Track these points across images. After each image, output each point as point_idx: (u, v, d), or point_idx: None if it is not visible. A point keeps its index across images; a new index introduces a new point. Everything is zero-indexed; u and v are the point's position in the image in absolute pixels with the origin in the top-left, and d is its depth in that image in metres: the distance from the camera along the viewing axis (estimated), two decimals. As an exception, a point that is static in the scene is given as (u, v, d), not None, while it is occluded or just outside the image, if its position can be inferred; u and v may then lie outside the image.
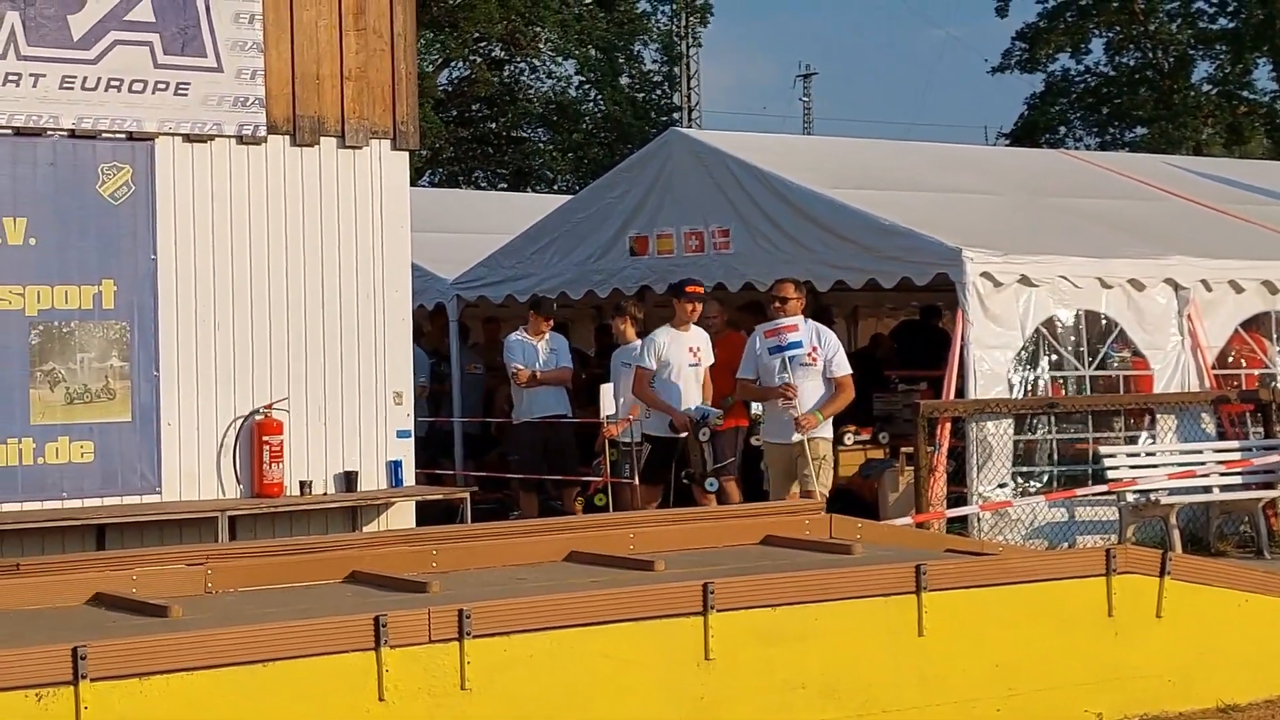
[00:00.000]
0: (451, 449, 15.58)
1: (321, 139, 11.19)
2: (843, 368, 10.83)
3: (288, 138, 11.08)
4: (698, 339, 11.91)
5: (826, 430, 10.86)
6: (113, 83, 10.43)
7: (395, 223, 11.49)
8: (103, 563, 6.44)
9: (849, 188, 13.71)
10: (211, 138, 10.80)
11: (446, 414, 15.84)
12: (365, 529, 11.09)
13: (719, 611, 5.64)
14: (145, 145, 10.58)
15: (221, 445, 10.80)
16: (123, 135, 10.52)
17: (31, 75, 10.20)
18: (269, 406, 10.89)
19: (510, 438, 14.75)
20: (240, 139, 10.90)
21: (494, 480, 14.52)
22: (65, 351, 10.37)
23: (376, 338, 11.35)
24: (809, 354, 10.77)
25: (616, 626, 5.51)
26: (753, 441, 12.04)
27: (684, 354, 11.74)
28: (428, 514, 11.76)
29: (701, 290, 11.95)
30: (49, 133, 10.33)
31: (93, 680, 4.62)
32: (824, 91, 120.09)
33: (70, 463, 10.31)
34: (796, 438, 10.66)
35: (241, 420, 10.88)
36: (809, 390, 10.75)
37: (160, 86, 10.57)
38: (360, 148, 11.32)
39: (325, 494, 11.08)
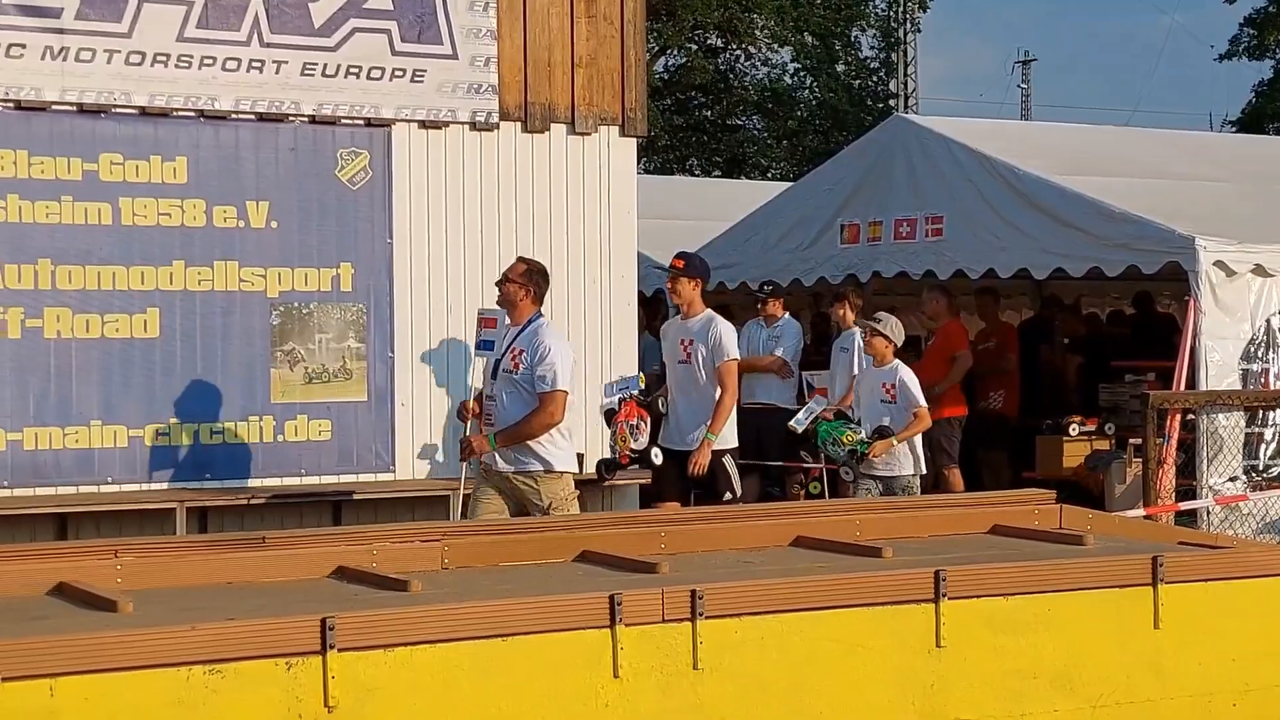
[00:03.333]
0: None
1: (552, 125, 11.36)
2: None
3: (519, 124, 11.27)
4: (697, 330, 10.10)
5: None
6: (352, 70, 10.70)
7: (622, 209, 11.62)
8: (344, 538, 6.61)
9: (1074, 174, 13.51)
10: (446, 124, 11.03)
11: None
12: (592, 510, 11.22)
13: (950, 599, 5.62)
14: (382, 131, 10.85)
15: (452, 426, 11.02)
16: (361, 121, 10.80)
17: (274, 63, 10.52)
18: (497, 389, 11.05)
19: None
20: (473, 125, 11.11)
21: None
22: (304, 332, 10.69)
23: (603, 323, 11.49)
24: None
25: (846, 611, 5.53)
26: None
27: (675, 348, 10.24)
28: (648, 498, 11.86)
29: (681, 265, 10.10)
30: (290, 119, 10.63)
31: (340, 650, 4.76)
32: (1042, 79, 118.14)
33: (308, 441, 10.63)
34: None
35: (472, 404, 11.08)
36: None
37: (397, 73, 10.82)
38: (589, 134, 11.47)
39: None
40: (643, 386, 10.04)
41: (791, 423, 11.19)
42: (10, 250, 9.95)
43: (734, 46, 37.02)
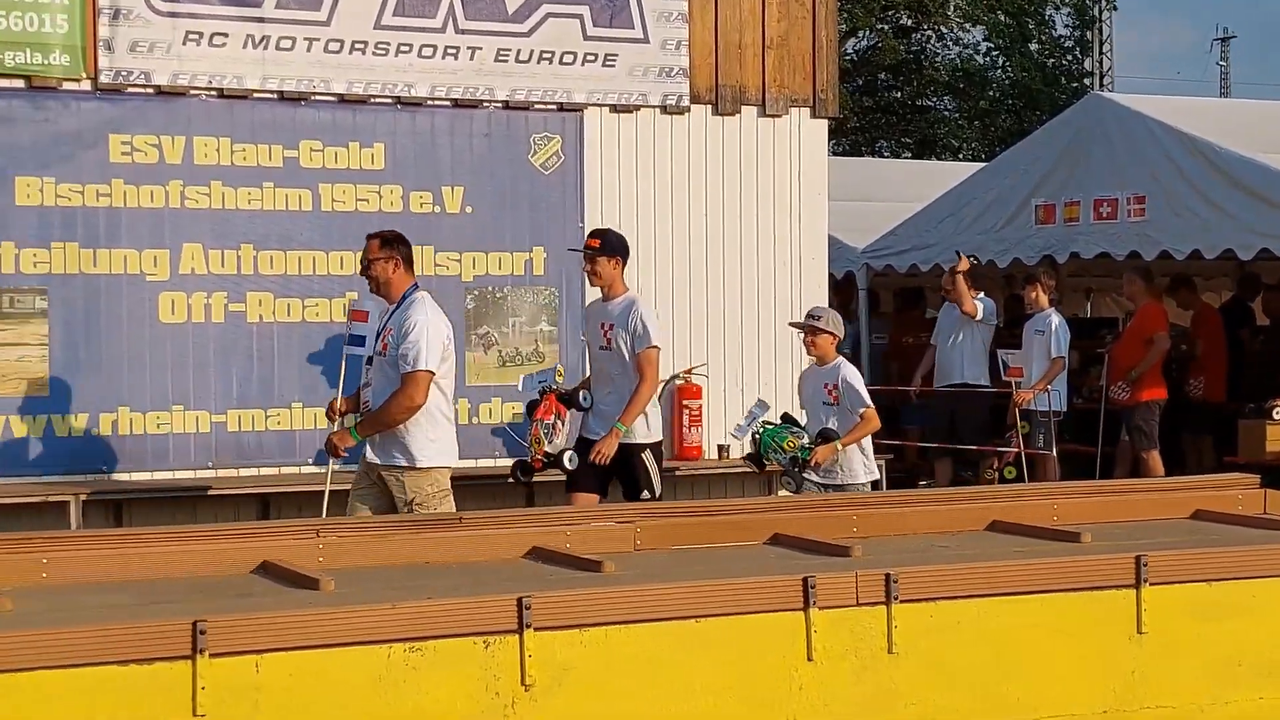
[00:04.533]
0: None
1: (742, 108, 11.35)
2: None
3: (709, 107, 11.28)
4: (618, 314, 9.19)
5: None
6: (544, 55, 10.79)
7: (813, 191, 11.57)
8: (538, 519, 6.69)
9: (1276, 152, 13.16)
10: (637, 108, 11.07)
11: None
12: (780, 494, 11.19)
13: (1152, 585, 5.53)
14: (574, 116, 10.92)
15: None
16: (553, 106, 10.88)
17: (469, 49, 10.64)
18: (688, 371, 11.11)
19: (917, 407, 14.72)
20: (664, 109, 11.15)
21: (896, 449, 14.48)
22: (498, 316, 10.81)
23: (793, 304, 11.45)
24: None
25: (1044, 597, 5.46)
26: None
27: (596, 333, 9.36)
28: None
29: (597, 244, 9.20)
30: (485, 104, 10.75)
31: (536, 629, 4.82)
32: (1241, 56, 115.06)
33: (502, 423, 10.75)
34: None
35: (663, 384, 11.11)
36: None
37: (589, 58, 10.88)
38: (780, 116, 11.44)
39: (742, 459, 11.22)
40: (559, 380, 9.34)
41: (731, 431, 10.29)
42: (214, 236, 10.20)
43: (925, 27, 36.63)
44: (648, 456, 9.17)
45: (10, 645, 4.25)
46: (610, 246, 9.22)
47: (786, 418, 9.84)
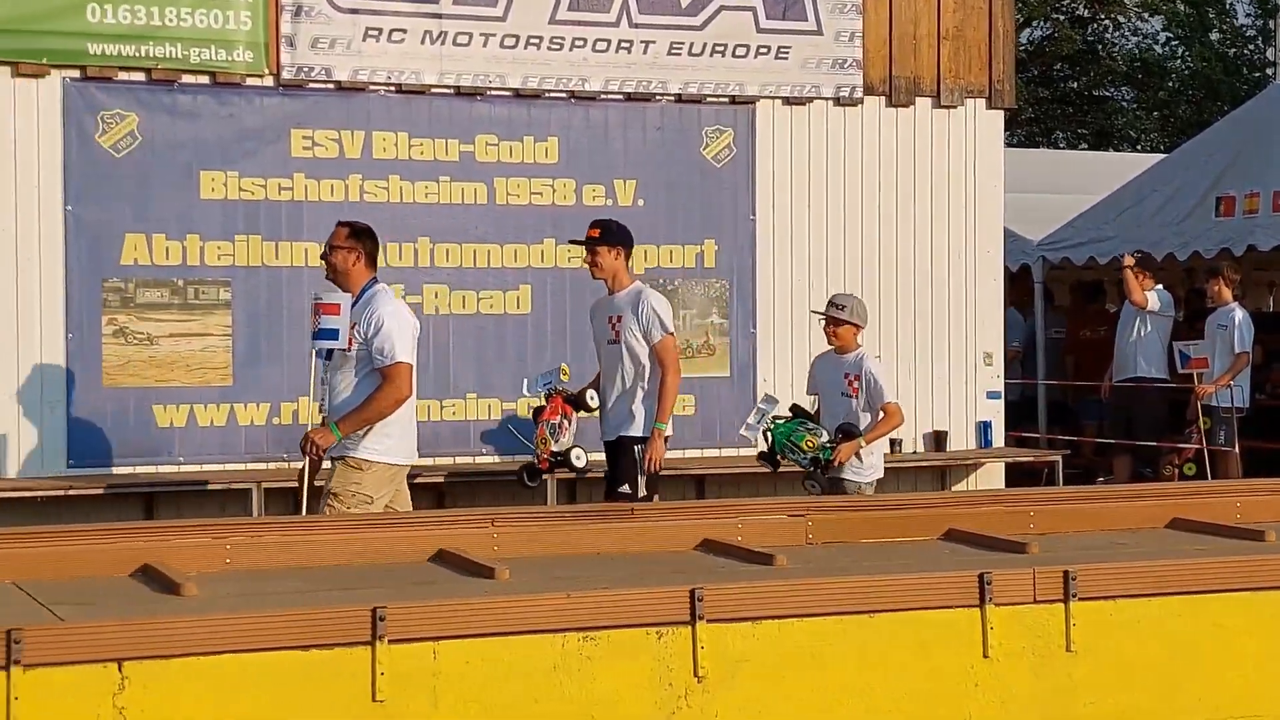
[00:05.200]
0: (1033, 414, 15.41)
1: (917, 99, 11.26)
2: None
3: (883, 98, 11.22)
4: (625, 305, 8.81)
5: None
6: (717, 48, 10.79)
7: (989, 183, 11.46)
8: (709, 511, 6.69)
9: None
10: (810, 100, 11.04)
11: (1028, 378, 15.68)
12: (953, 489, 11.11)
13: (1340, 585, 5.41)
14: (746, 108, 10.92)
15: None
16: (725, 99, 10.89)
17: (642, 43, 10.68)
18: (861, 365, 11.03)
19: (1094, 402, 14.50)
20: (837, 100, 11.10)
21: (1073, 444, 14.28)
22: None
23: (968, 297, 11.35)
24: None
25: (1227, 596, 5.35)
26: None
27: (604, 328, 8.95)
28: (1012, 478, 11.68)
29: (597, 234, 8.79)
30: (657, 98, 10.79)
31: (709, 621, 4.82)
32: None
33: (673, 415, 10.74)
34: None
35: (839, 377, 11.08)
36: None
37: (762, 50, 10.87)
38: (955, 107, 11.34)
39: (915, 452, 11.16)
40: (565, 379, 9.02)
41: (742, 430, 9.45)
42: (392, 229, 10.33)
43: (1102, 16, 36.02)
44: (639, 451, 8.63)
45: (196, 630, 4.34)
46: (612, 236, 8.78)
47: (797, 410, 9.23)
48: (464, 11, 10.37)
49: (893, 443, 11.07)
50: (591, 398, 8.79)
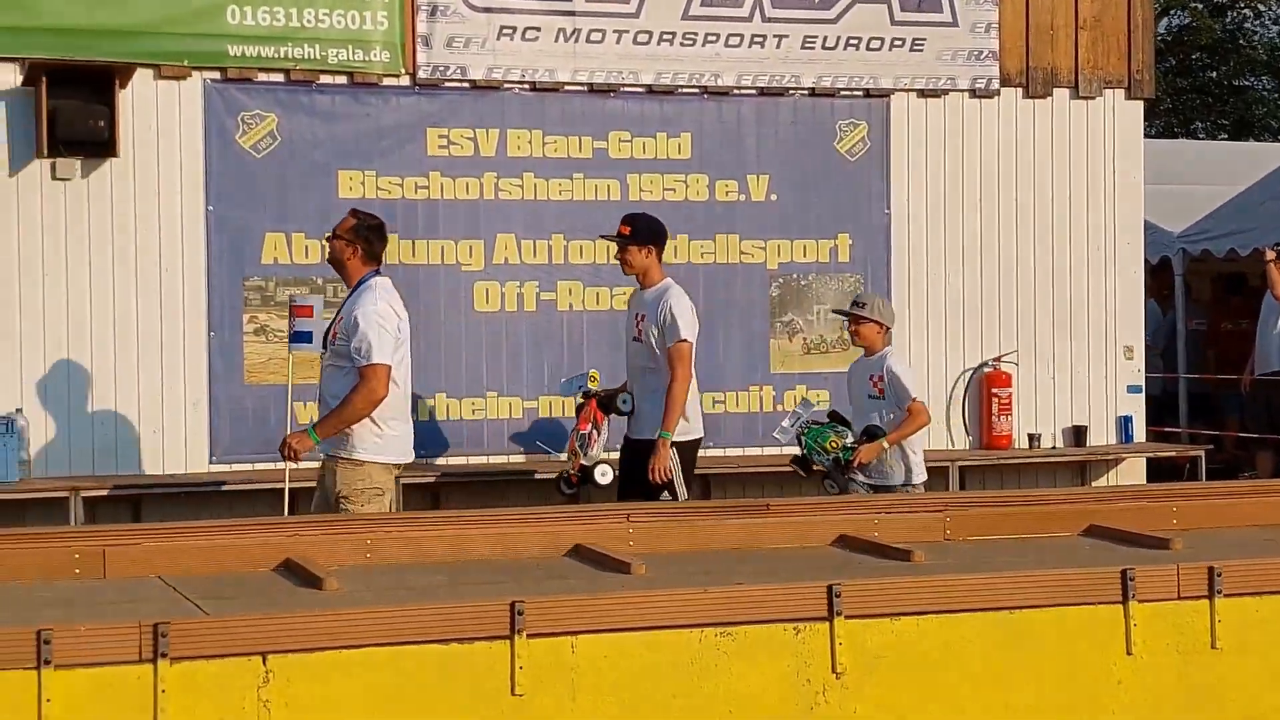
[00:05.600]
0: (1175, 409, 15.17)
1: (1054, 90, 11.14)
2: None
3: (1020, 90, 11.10)
4: (649, 304, 8.63)
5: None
6: (851, 41, 10.74)
7: (1128, 174, 11.31)
8: (845, 507, 6.67)
9: None
10: (945, 92, 10.95)
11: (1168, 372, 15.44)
12: (1094, 484, 10.97)
13: None
14: (881, 102, 10.86)
15: (951, 396, 10.96)
16: (860, 93, 10.83)
17: (775, 37, 10.65)
18: (998, 359, 10.95)
19: (1235, 395, 14.26)
20: (973, 92, 11.00)
21: (1215, 439, 14.05)
22: (802, 303, 10.81)
23: (1107, 290, 11.20)
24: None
25: (1378, 593, 5.25)
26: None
27: (630, 324, 8.82)
28: (1154, 473, 11.51)
29: (628, 231, 8.62)
30: (790, 92, 10.75)
31: (846, 617, 4.80)
32: None
33: (811, 410, 10.72)
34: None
35: (970, 372, 10.99)
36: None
37: (896, 43, 10.80)
38: (1093, 98, 11.20)
39: (1054, 448, 11.04)
40: (591, 386, 8.73)
41: (775, 433, 9.18)
42: (526, 226, 10.41)
43: (1242, 5, 35.38)
44: (671, 456, 8.41)
45: (338, 624, 4.40)
46: (642, 233, 8.61)
47: (835, 416, 8.93)
48: (597, 9, 10.40)
49: (1031, 438, 10.97)
50: (624, 401, 8.60)
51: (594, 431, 8.60)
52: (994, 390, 10.92)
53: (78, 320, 9.66)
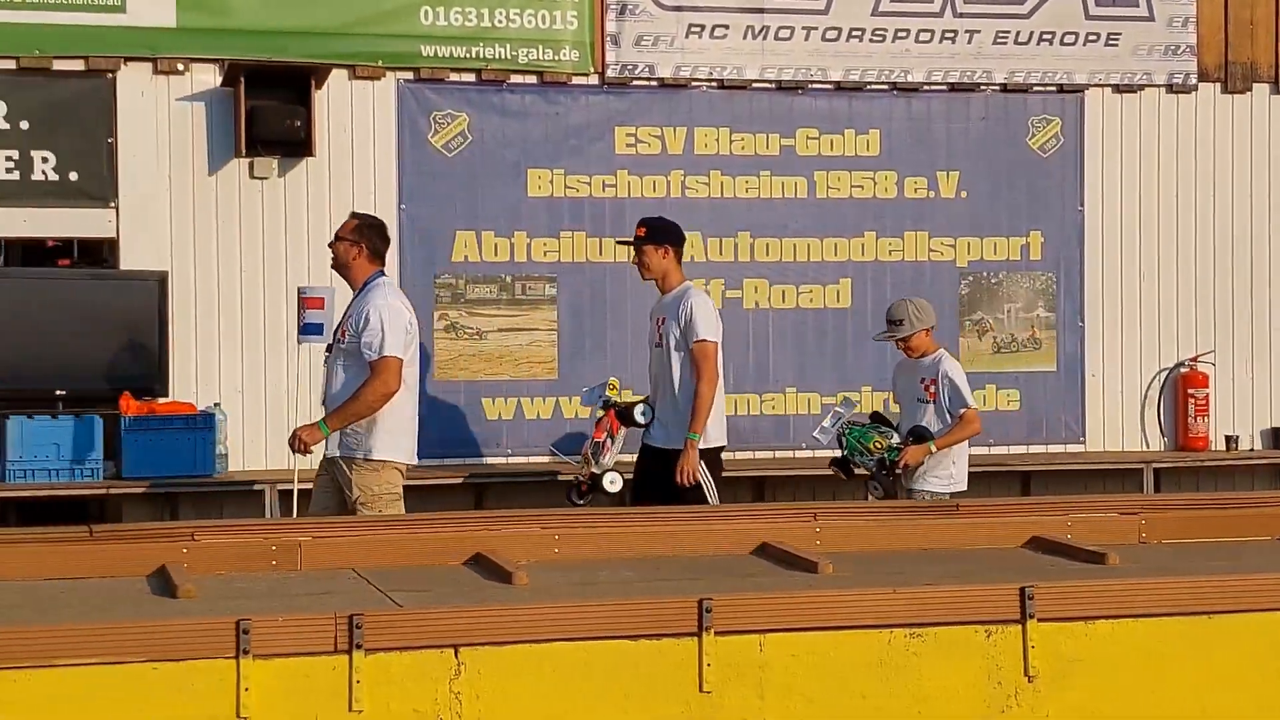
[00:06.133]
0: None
1: (1254, 85, 10.89)
2: None
3: (1218, 85, 10.86)
4: (669, 306, 8.40)
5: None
6: (1044, 36, 10.59)
7: (1329, 170, 11.02)
8: (1038, 508, 6.59)
9: None
10: (1141, 88, 10.76)
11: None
12: (1289, 488, 10.70)
13: None
14: (1075, 97, 10.70)
15: (1145, 397, 10.76)
16: (1053, 88, 10.68)
17: (966, 32, 10.54)
18: (1194, 359, 10.72)
19: None
20: (1169, 88, 10.80)
21: None
22: (993, 302, 10.68)
23: (1296, 293, 10.95)
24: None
25: None
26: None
27: (651, 329, 8.62)
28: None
29: (644, 232, 8.41)
30: (981, 88, 10.63)
31: (1039, 620, 4.73)
32: None
33: (997, 410, 10.61)
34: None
35: (1166, 372, 10.78)
36: None
37: (1091, 38, 10.62)
38: (1293, 93, 10.94)
39: (1252, 450, 10.79)
40: (611, 394, 8.43)
41: (815, 433, 8.72)
42: (713, 224, 10.41)
43: None
44: (701, 464, 8.16)
45: (529, 618, 4.44)
46: (658, 235, 8.38)
47: (876, 417, 8.68)
48: (786, 5, 10.37)
49: (1228, 439, 10.73)
50: (644, 414, 8.31)
51: (608, 440, 8.33)
52: (1190, 391, 10.70)
53: (273, 317, 9.86)
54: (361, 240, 7.74)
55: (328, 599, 4.82)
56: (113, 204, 9.55)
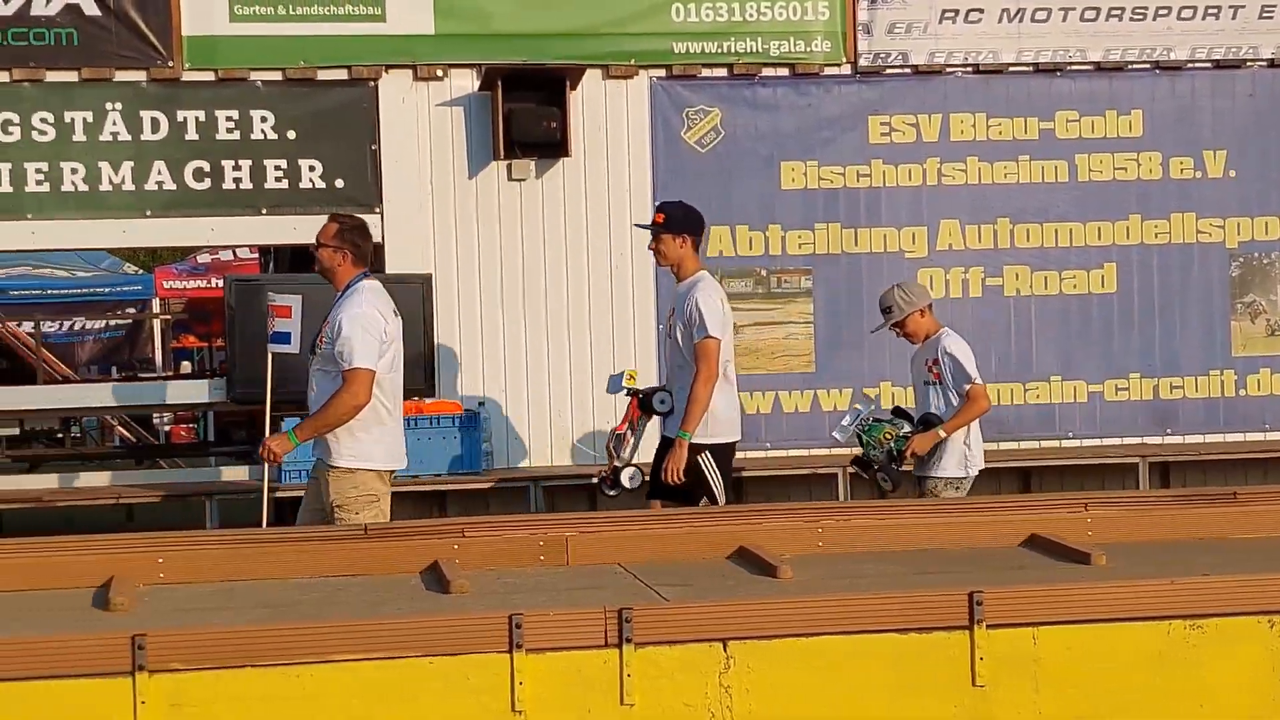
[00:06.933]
0: None
1: None
2: None
3: None
4: (680, 297, 8.01)
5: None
6: (1313, 8, 10.24)
7: None
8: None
9: None
10: None
11: None
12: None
13: None
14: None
15: None
16: (1316, 62, 10.33)
17: (1231, 8, 10.24)
18: None
19: None
20: None
21: None
22: (1265, 283, 10.38)
23: None
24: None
25: None
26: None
27: (665, 317, 8.36)
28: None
29: (661, 219, 8.03)
30: (1248, 64, 10.32)
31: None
32: None
33: (1271, 395, 10.30)
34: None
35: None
36: None
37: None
38: None
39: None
40: (627, 385, 8.10)
41: (834, 433, 8.45)
42: (971, 211, 10.28)
43: None
44: (705, 460, 7.84)
45: (796, 611, 4.42)
46: (675, 222, 8.00)
47: (898, 411, 8.29)
48: (1043, -13, 10.20)
49: None
50: (661, 401, 8.00)
51: (628, 432, 8.12)
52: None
53: (533, 316, 10.00)
54: (345, 245, 7.44)
55: (597, 593, 4.86)
56: (377, 209, 9.78)
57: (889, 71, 10.21)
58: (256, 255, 17.45)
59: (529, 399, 10.01)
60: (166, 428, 18.23)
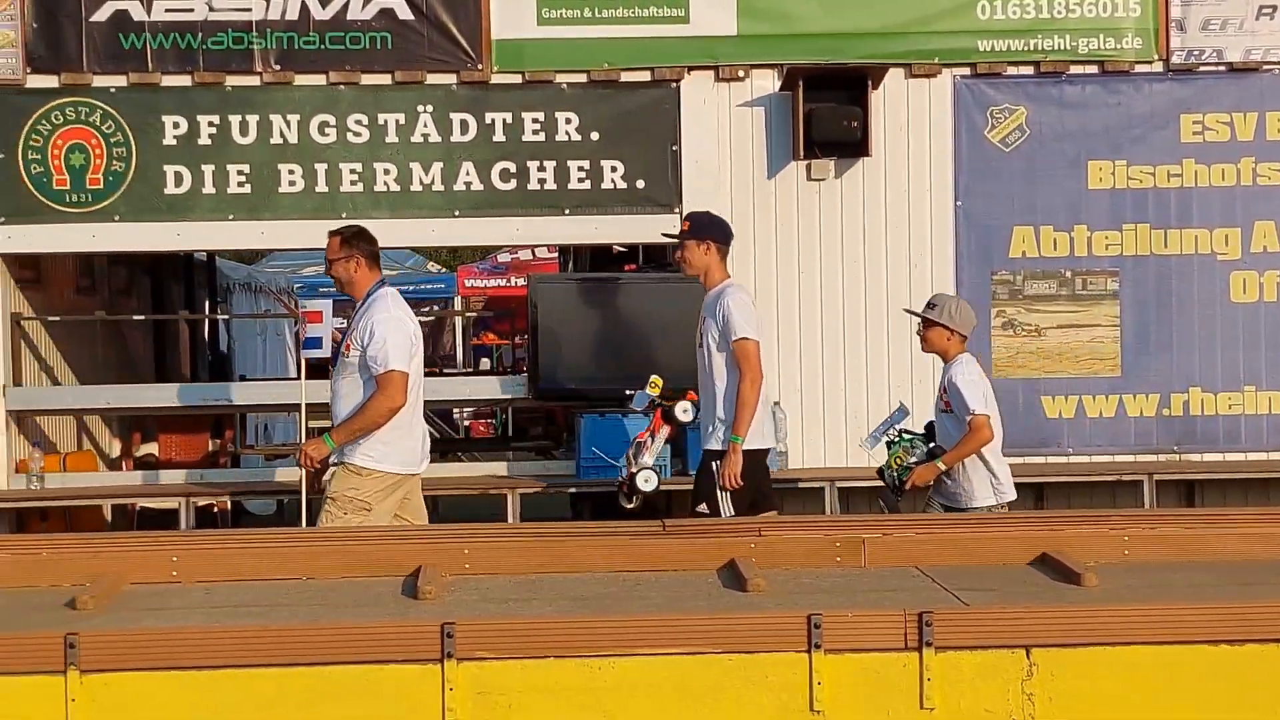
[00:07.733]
0: None
1: None
2: None
3: None
4: (709, 305, 7.85)
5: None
6: None
7: None
8: None
9: None
10: None
11: None
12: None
13: None
14: None
15: None
16: None
17: None
18: None
19: None
20: None
21: None
22: None
23: None
24: None
25: None
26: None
27: (695, 328, 8.08)
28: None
29: (687, 226, 7.94)
30: None
31: None
32: None
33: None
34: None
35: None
36: None
37: None
38: None
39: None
40: (652, 392, 7.95)
41: (863, 439, 8.34)
42: (1287, 214, 9.97)
43: None
44: (717, 468, 7.69)
45: (1103, 620, 4.33)
46: (700, 229, 7.87)
47: (930, 429, 7.99)
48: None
49: None
50: (684, 411, 7.90)
51: (650, 440, 8.04)
52: None
53: (830, 316, 9.98)
54: (354, 252, 7.57)
55: (896, 596, 4.83)
56: (677, 210, 9.85)
57: (1202, 69, 9.93)
58: (556, 255, 17.75)
59: (824, 400, 9.98)
60: (466, 423, 18.66)
